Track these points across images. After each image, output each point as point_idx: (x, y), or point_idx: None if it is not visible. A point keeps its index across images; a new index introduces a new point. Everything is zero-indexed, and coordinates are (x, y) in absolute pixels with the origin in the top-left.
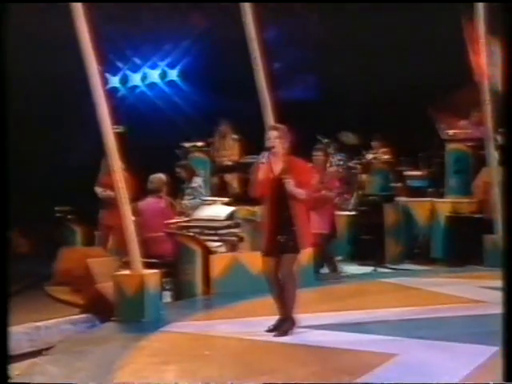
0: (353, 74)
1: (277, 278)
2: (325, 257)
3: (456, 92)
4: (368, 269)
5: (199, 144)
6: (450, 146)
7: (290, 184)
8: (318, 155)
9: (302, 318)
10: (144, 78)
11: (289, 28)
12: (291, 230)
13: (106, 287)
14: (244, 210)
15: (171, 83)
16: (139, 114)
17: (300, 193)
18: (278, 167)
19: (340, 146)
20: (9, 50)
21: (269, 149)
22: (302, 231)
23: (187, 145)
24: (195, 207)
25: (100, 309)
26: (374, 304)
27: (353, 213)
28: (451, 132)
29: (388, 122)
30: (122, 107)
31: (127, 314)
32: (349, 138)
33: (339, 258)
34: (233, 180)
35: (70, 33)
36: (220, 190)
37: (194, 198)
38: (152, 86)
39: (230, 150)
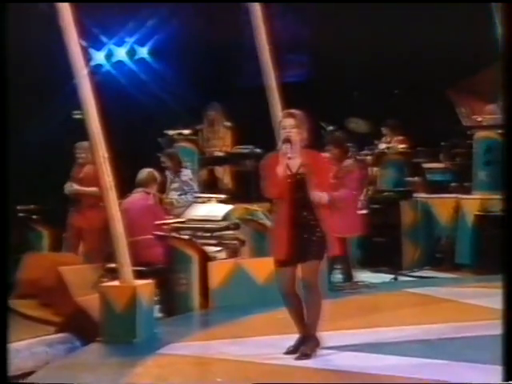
0: (361, 50)
1: (295, 290)
2: (342, 263)
3: (480, 71)
4: (384, 276)
5: (185, 132)
6: (480, 134)
7: (312, 188)
8: (331, 149)
9: (324, 336)
10: (109, 55)
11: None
12: (313, 232)
13: (87, 301)
14: (242, 209)
15: (142, 62)
16: (111, 95)
17: (323, 197)
18: (295, 162)
19: (348, 135)
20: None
21: (284, 141)
22: (327, 234)
23: (171, 133)
24: (186, 205)
25: (81, 327)
26: (405, 319)
27: (363, 211)
28: (479, 118)
29: (403, 106)
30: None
31: (116, 333)
32: (358, 124)
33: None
34: (224, 174)
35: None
36: (210, 185)
37: (183, 194)
38: (121, 64)
39: (221, 139)
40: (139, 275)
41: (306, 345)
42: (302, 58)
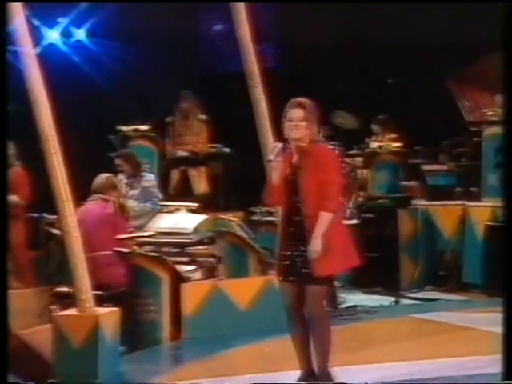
0: (348, 32)
1: (302, 312)
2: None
3: (484, 57)
4: (381, 299)
5: (142, 128)
6: (489, 131)
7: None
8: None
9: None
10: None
11: None
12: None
13: (33, 334)
14: (216, 220)
15: (78, 44)
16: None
17: (327, 221)
18: (294, 161)
19: (333, 131)
20: None
21: (288, 138)
22: (336, 247)
23: (125, 129)
24: (149, 215)
25: (26, 367)
26: (418, 351)
27: (353, 221)
28: (489, 111)
29: (397, 99)
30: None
31: (73, 373)
32: (345, 119)
33: (336, 283)
34: (199, 177)
35: None
36: (179, 190)
37: (144, 202)
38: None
39: (195, 134)
40: (96, 301)
41: (316, 381)
42: (279, 45)
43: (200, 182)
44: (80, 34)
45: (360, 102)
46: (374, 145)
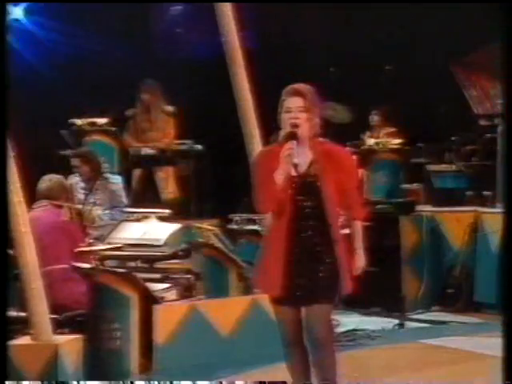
0: (340, 12)
1: (302, 339)
2: None
3: (495, 40)
4: (381, 321)
5: (100, 121)
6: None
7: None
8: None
9: None
10: None
11: None
12: (322, 261)
13: None
14: (192, 229)
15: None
16: None
17: (361, 231)
18: (303, 160)
19: (324, 125)
20: None
21: (290, 130)
22: (344, 264)
23: (80, 122)
24: (113, 224)
25: None
26: None
27: (346, 231)
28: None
29: (397, 88)
30: None
31: None
32: (337, 112)
33: None
34: (166, 179)
35: None
36: (142, 195)
37: (108, 209)
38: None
39: (160, 130)
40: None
41: None
42: (263, 26)
43: (167, 185)
44: (17, 12)
45: (353, 92)
46: (371, 141)
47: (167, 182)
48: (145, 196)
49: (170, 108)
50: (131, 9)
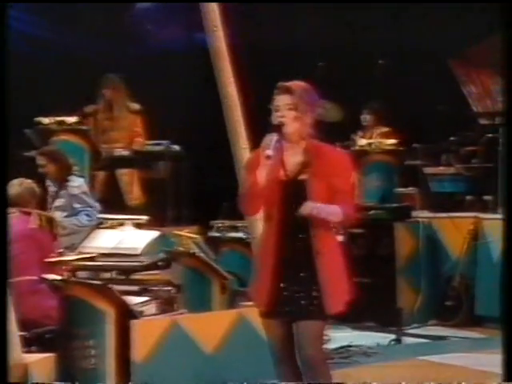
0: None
1: (293, 357)
2: None
3: (496, 33)
4: (375, 336)
5: (69, 120)
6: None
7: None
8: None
9: None
10: None
11: None
12: (314, 273)
13: None
14: (172, 237)
15: None
16: None
17: (334, 213)
18: (293, 161)
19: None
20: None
21: (274, 128)
22: (336, 276)
23: (47, 121)
24: (84, 232)
25: None
26: None
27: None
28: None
29: (391, 84)
30: None
31: None
32: (327, 110)
33: None
34: (132, 183)
35: None
36: (110, 199)
37: (75, 215)
38: None
39: (125, 129)
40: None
41: None
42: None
43: (132, 189)
44: None
45: (344, 88)
46: (363, 142)
47: (132, 186)
48: (111, 201)
49: (135, 105)
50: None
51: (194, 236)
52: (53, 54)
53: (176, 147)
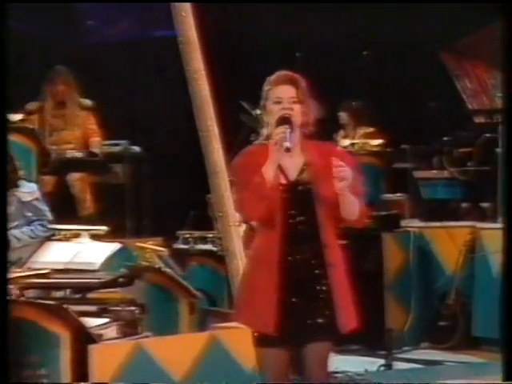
0: None
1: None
2: None
3: (493, 22)
4: (362, 361)
5: (14, 117)
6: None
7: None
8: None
9: None
10: None
11: None
12: (320, 288)
13: None
14: (135, 250)
15: None
16: None
17: (356, 204)
18: (294, 163)
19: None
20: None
21: (281, 122)
22: (348, 290)
23: None
24: (32, 245)
25: None
26: None
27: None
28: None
29: (375, 77)
30: None
31: None
32: None
33: None
34: (86, 189)
35: None
36: (61, 207)
37: (26, 225)
38: None
39: (77, 128)
40: None
41: None
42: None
43: (86, 197)
44: None
45: (324, 83)
46: (345, 142)
47: (87, 193)
48: (63, 210)
49: (87, 101)
50: None
51: (159, 249)
52: None
53: (136, 148)
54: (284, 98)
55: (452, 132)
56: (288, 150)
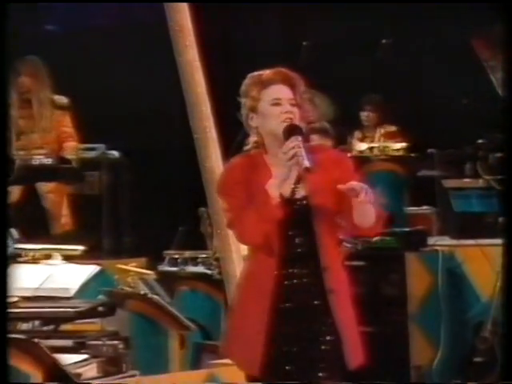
0: None
1: None
2: None
3: None
4: None
5: None
6: None
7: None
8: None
9: None
10: None
11: None
12: (324, 322)
13: None
14: (116, 273)
15: None
16: None
17: (372, 210)
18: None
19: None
20: None
21: (291, 131)
22: (352, 320)
23: None
24: None
25: None
26: None
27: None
28: None
29: (397, 70)
30: None
31: None
32: (317, 104)
33: None
34: (61, 202)
35: None
36: (30, 223)
37: None
38: None
39: (48, 130)
40: None
41: None
42: None
43: (61, 211)
44: None
45: (338, 77)
46: (362, 146)
47: (61, 207)
48: (31, 226)
49: (62, 99)
50: None
51: (143, 271)
52: None
53: (115, 153)
54: (283, 98)
55: (487, 134)
56: (308, 170)
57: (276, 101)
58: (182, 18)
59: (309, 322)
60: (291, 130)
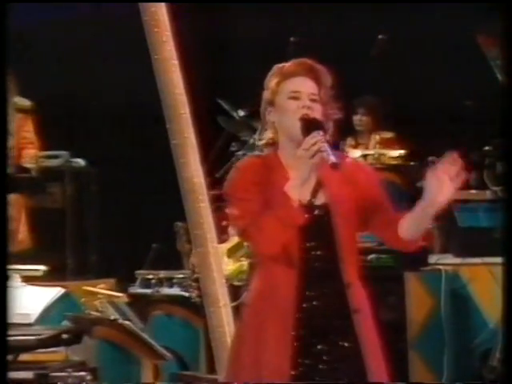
0: None
1: None
2: None
3: None
4: None
5: None
6: None
7: None
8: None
9: None
10: None
11: None
12: (346, 345)
13: None
14: (83, 296)
15: None
16: None
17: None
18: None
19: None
20: None
21: (311, 125)
22: (377, 342)
23: None
24: None
25: None
26: None
27: None
28: None
29: (394, 68)
30: None
31: None
32: None
33: None
34: (19, 217)
35: None
36: None
37: None
38: None
39: (11, 136)
40: None
41: None
42: None
43: (19, 226)
44: None
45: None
46: (356, 153)
47: (20, 222)
48: None
49: (24, 102)
50: None
51: (112, 294)
52: None
53: (80, 161)
54: (303, 92)
55: (495, 139)
56: (335, 166)
57: (294, 94)
58: (158, 12)
59: (328, 345)
60: (310, 125)
